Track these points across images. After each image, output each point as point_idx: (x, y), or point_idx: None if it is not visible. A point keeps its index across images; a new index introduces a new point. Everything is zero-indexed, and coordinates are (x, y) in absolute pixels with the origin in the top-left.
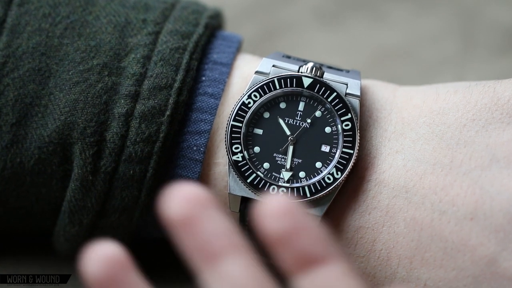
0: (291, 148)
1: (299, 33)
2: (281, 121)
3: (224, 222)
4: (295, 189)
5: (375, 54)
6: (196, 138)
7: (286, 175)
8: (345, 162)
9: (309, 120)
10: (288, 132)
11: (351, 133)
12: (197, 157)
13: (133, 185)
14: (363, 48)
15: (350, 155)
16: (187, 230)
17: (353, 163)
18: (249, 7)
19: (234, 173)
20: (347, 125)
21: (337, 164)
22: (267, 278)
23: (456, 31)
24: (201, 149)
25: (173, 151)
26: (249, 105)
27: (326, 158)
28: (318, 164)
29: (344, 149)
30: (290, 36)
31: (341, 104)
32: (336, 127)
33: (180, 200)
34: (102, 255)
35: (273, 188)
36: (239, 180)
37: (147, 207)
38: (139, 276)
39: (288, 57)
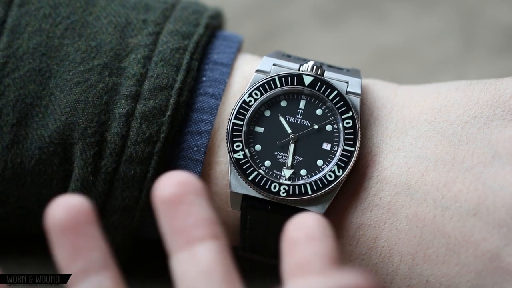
0: (292, 146)
1: (299, 32)
2: (282, 119)
3: (209, 211)
4: (296, 186)
5: (375, 53)
6: (196, 138)
7: (287, 173)
8: (346, 160)
9: (316, 126)
10: (289, 130)
11: (352, 131)
12: (197, 157)
13: (134, 186)
14: (364, 48)
15: (352, 152)
16: (172, 210)
17: (355, 160)
18: (249, 7)
19: (235, 171)
20: (348, 123)
21: (338, 162)
22: (234, 270)
23: (457, 30)
24: (202, 149)
25: (174, 151)
26: (250, 104)
27: (327, 156)
28: (320, 162)
29: (345, 147)
30: (291, 35)
31: (342, 102)
32: (337, 125)
33: (172, 182)
34: (67, 204)
35: (275, 185)
36: (241, 178)
37: (147, 208)
38: (98, 230)
39: (289, 56)
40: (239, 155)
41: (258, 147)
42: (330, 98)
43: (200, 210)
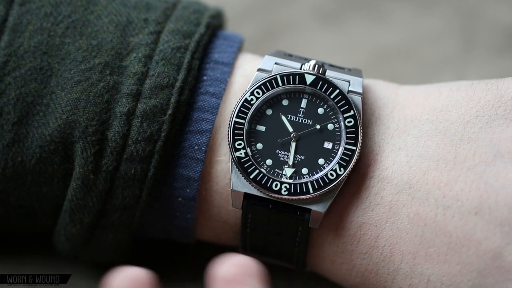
0: (293, 144)
1: (299, 32)
2: (283, 118)
3: None
4: (297, 185)
5: (375, 53)
6: (197, 137)
7: (288, 171)
8: (347, 159)
9: (318, 126)
10: (290, 129)
11: (353, 129)
12: (198, 156)
13: (134, 184)
14: (364, 48)
15: (353, 151)
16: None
17: (356, 159)
18: (250, 7)
19: (237, 169)
20: (349, 121)
21: (340, 161)
22: None
23: (457, 30)
24: (203, 148)
25: (175, 150)
26: (252, 102)
27: (328, 155)
28: (321, 161)
29: (347, 146)
30: (291, 35)
31: (343, 101)
32: (339, 124)
33: (232, 264)
34: (128, 276)
35: (276, 184)
36: (242, 176)
37: (148, 207)
38: None
39: (290, 55)
40: (241, 154)
41: (259, 146)
42: (331, 97)
43: None
